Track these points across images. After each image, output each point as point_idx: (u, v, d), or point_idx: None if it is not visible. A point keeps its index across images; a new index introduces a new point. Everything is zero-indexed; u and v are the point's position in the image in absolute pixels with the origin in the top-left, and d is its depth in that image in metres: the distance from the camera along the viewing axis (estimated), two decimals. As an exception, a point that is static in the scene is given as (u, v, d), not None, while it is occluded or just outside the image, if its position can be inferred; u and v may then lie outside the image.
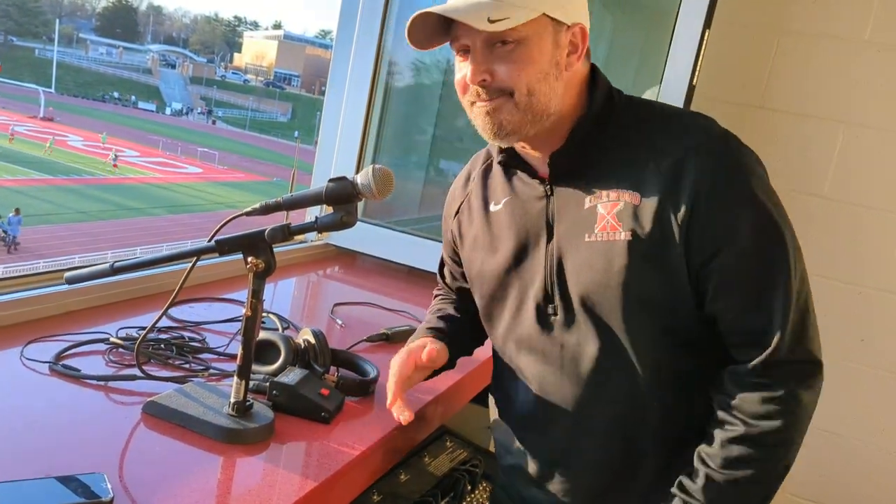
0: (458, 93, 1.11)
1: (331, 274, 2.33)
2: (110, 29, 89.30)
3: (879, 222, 2.04)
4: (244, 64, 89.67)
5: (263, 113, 66.88)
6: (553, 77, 1.06)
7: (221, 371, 1.36)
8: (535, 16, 1.02)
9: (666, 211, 1.02)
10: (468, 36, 1.05)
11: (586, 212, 1.08)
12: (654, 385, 1.09)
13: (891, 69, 2.06)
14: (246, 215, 1.14)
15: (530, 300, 1.15)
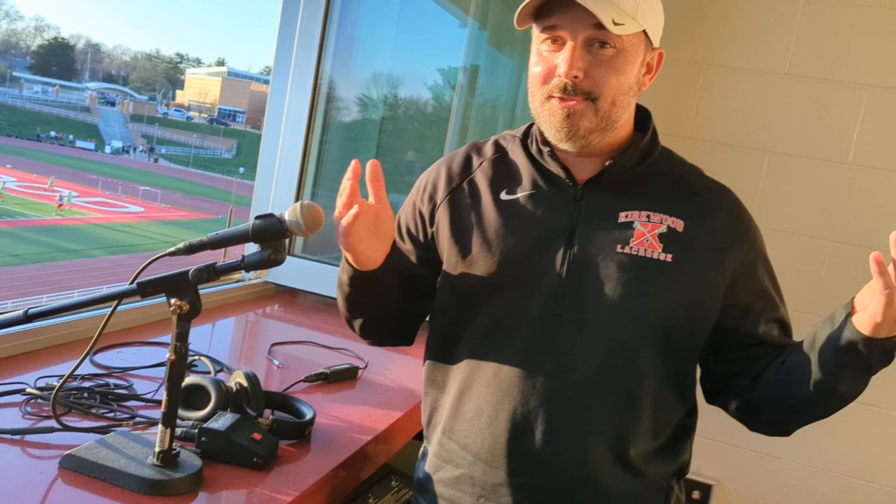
0: (534, 83, 1.11)
1: (270, 313, 2.28)
2: (46, 67, 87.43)
3: (806, 247, 2.11)
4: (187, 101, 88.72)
5: (207, 150, 66.09)
6: (633, 92, 1.12)
7: (148, 419, 1.30)
8: (639, 30, 1.07)
9: (712, 248, 1.12)
10: (570, 27, 1.06)
11: (620, 225, 1.12)
12: (639, 404, 1.12)
13: (808, 100, 2.15)
14: (170, 255, 1.10)
15: (537, 296, 1.12)
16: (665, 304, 1.11)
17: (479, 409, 1.15)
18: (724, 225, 1.14)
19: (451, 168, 1.24)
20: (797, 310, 2.10)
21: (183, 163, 58.81)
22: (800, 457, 2.21)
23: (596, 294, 1.11)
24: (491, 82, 3.15)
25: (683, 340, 1.15)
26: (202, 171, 56.48)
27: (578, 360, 1.11)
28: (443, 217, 1.21)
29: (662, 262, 1.10)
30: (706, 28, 2.23)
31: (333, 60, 2.38)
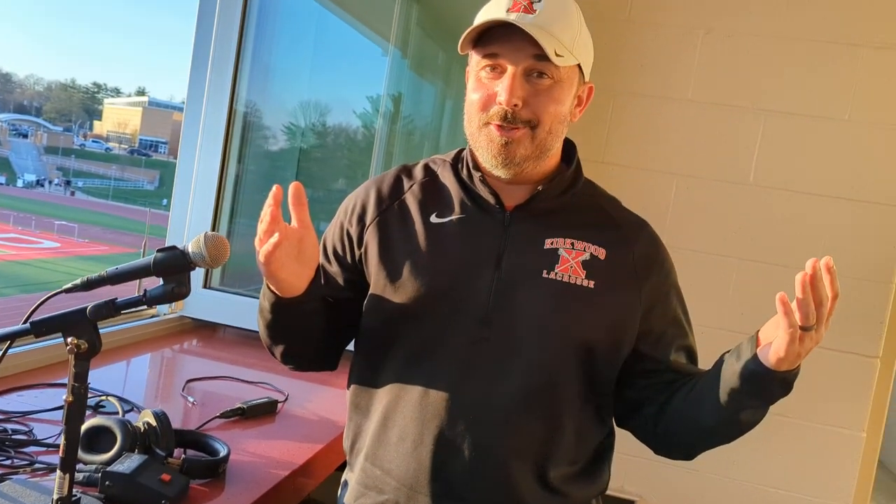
0: (473, 109, 1.13)
1: (188, 348, 2.21)
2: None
3: (714, 265, 2.20)
4: (106, 132, 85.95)
5: (128, 182, 64.07)
6: (566, 122, 1.16)
7: (49, 465, 1.23)
8: (576, 63, 1.12)
9: (632, 277, 1.16)
10: (512, 56, 1.08)
11: (546, 251, 1.15)
12: (562, 427, 1.15)
13: (711, 124, 2.25)
14: (66, 292, 1.06)
15: (464, 320, 1.13)
16: (587, 329, 1.14)
17: (403, 434, 1.14)
18: (641, 255, 1.19)
19: (380, 189, 1.23)
20: (708, 325, 2.19)
21: (102, 196, 56.79)
22: (717, 469, 2.27)
23: (522, 318, 1.12)
24: (415, 109, 3.18)
25: (604, 364, 1.17)
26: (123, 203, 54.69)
27: (504, 384, 1.12)
28: (371, 239, 1.20)
29: (585, 288, 1.13)
30: (616, 57, 2.31)
31: (249, 87, 2.35)
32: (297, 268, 1.09)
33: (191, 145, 2.29)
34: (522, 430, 1.13)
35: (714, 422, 1.11)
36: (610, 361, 1.18)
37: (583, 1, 2.22)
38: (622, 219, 1.22)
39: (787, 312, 0.98)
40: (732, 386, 1.07)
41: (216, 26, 2.22)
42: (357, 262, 1.23)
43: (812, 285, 0.96)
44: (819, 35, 2.19)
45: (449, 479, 1.12)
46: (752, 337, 1.08)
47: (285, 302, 1.12)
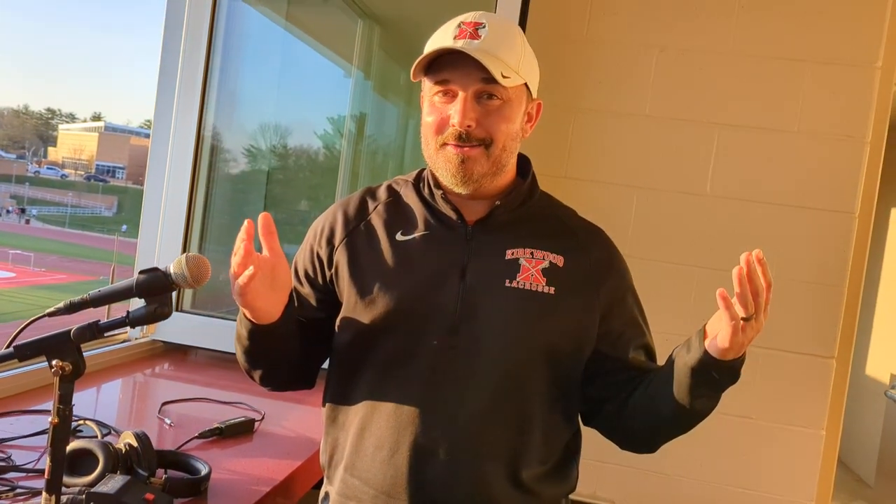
0: (429, 132, 1.19)
1: (160, 372, 2.21)
2: None
3: (676, 274, 2.28)
4: (61, 158, 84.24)
5: (85, 209, 62.85)
6: (518, 138, 1.22)
7: (30, 489, 1.24)
8: (521, 83, 1.18)
9: (589, 281, 1.23)
10: (461, 81, 1.15)
11: (507, 262, 1.21)
12: (531, 428, 1.20)
13: (668, 138, 2.34)
14: (49, 316, 1.07)
15: (433, 331, 1.18)
16: (550, 333, 1.20)
17: (379, 443, 1.18)
18: (597, 260, 1.25)
19: (346, 211, 1.29)
20: (671, 332, 2.26)
21: (59, 223, 55.59)
22: (686, 471, 2.34)
23: (488, 326, 1.18)
24: (379, 129, 3.23)
25: (567, 366, 1.23)
26: (80, 230, 53.60)
27: (474, 389, 1.18)
28: (341, 259, 1.25)
29: (546, 295, 1.19)
30: (575, 75, 2.39)
31: (217, 112, 2.37)
32: (271, 295, 1.14)
33: (159, 172, 2.30)
34: (493, 432, 1.18)
35: (671, 412, 1.17)
36: (573, 363, 1.24)
37: (543, 21, 2.32)
38: (578, 227, 1.29)
39: (727, 307, 1.05)
40: (685, 377, 1.14)
41: (182, 52, 2.25)
42: (328, 283, 1.27)
43: (748, 278, 1.04)
44: (767, 52, 2.30)
45: (425, 483, 1.17)
46: (700, 331, 1.15)
47: (262, 328, 1.16)
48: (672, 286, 2.29)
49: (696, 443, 2.30)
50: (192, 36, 2.24)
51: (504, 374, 1.19)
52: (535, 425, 1.21)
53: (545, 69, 1.28)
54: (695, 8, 2.33)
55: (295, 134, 3.12)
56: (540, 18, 2.23)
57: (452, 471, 1.16)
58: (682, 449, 2.29)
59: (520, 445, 1.20)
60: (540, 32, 2.26)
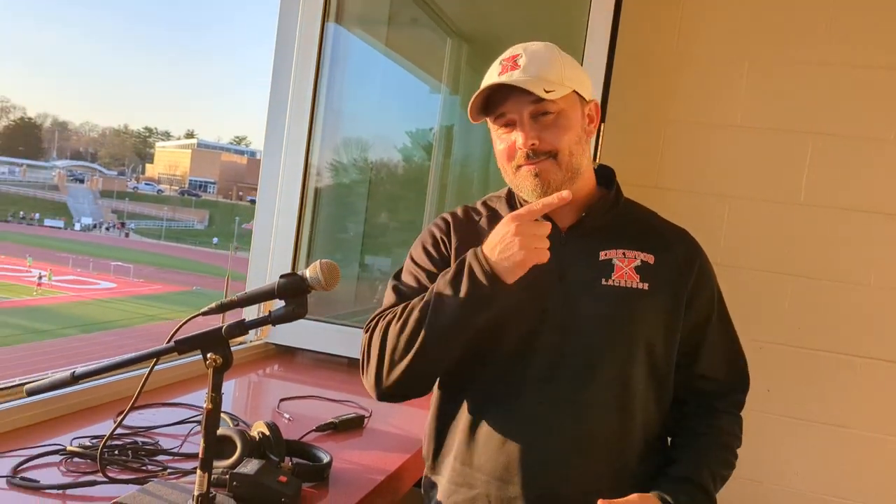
0: (503, 160, 1.31)
1: (271, 372, 2.38)
2: (12, 147, 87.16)
3: (770, 282, 2.29)
4: (157, 174, 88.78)
5: (179, 222, 65.95)
6: (584, 141, 1.32)
7: (179, 470, 1.40)
8: (569, 91, 1.28)
9: (678, 276, 1.32)
10: (514, 110, 1.27)
11: (602, 262, 1.31)
12: (633, 416, 1.30)
13: (760, 148, 2.36)
14: (202, 315, 1.22)
15: (539, 329, 1.28)
16: (648, 325, 1.30)
17: (491, 432, 1.29)
18: (683, 256, 1.35)
19: (455, 223, 1.41)
20: (764, 340, 2.29)
21: (155, 236, 58.55)
22: (780, 480, 2.33)
23: (590, 323, 1.28)
24: (465, 143, 3.34)
25: (662, 358, 1.33)
26: (175, 243, 56.25)
27: (580, 382, 1.28)
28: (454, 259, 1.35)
29: (641, 290, 1.30)
30: (667, 88, 2.44)
31: (323, 131, 2.54)
32: None
33: (270, 188, 2.47)
34: (599, 421, 1.28)
35: None
36: (666, 355, 1.33)
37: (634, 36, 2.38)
38: (664, 228, 1.40)
39: None
40: None
41: (293, 77, 2.42)
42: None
43: None
44: (859, 61, 2.29)
45: (536, 469, 1.27)
46: None
47: (507, 296, 1.21)
48: (765, 294, 2.31)
49: (793, 451, 2.32)
50: (302, 61, 2.41)
51: (608, 367, 1.28)
52: (637, 414, 1.30)
53: (638, 84, 1.36)
54: (784, 20, 2.35)
55: (388, 149, 3.28)
56: (631, 34, 2.30)
57: (561, 458, 1.26)
58: (778, 457, 2.31)
59: (623, 433, 1.29)
60: (631, 47, 2.33)
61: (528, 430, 1.27)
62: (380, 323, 1.30)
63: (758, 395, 2.29)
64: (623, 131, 2.36)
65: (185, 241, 56.99)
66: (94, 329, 27.69)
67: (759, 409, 2.29)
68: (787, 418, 2.31)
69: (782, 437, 2.32)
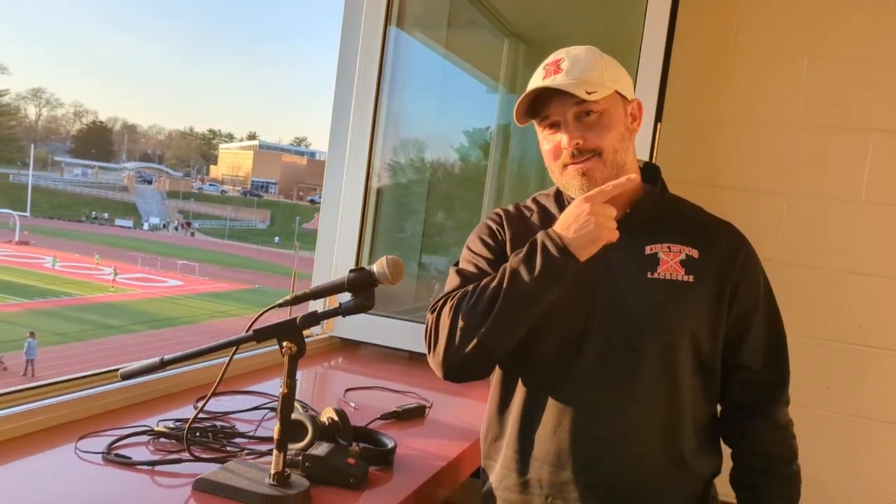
0: (549, 160, 1.38)
1: (336, 365, 2.49)
2: (85, 150, 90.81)
3: (829, 280, 2.28)
4: (220, 175, 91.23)
5: (242, 222, 67.63)
6: (627, 139, 1.37)
7: (255, 451, 1.50)
8: (610, 92, 1.34)
9: (723, 269, 1.35)
10: (558, 112, 1.33)
11: (647, 256, 1.35)
12: (682, 405, 1.34)
13: (819, 146, 2.35)
14: (279, 307, 1.33)
15: (589, 321, 1.33)
16: (692, 317, 1.34)
17: (544, 420, 1.36)
18: (727, 248, 1.38)
19: (508, 217, 1.48)
20: (823, 338, 2.28)
21: (219, 235, 60.21)
22: (845, 479, 2.32)
23: (636, 314, 1.33)
24: (522, 143, 3.39)
25: (707, 349, 1.36)
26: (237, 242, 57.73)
27: (627, 371, 1.33)
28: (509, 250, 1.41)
29: (687, 283, 1.34)
30: (721, 85, 2.45)
31: (385, 133, 2.63)
32: None
33: (335, 191, 2.57)
34: (647, 408, 1.33)
35: None
36: (712, 347, 1.36)
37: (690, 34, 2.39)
38: (708, 221, 1.43)
39: None
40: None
41: (356, 81, 2.52)
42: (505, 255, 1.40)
43: None
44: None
45: (587, 455, 1.32)
46: None
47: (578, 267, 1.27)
48: (825, 292, 2.30)
49: (856, 450, 2.29)
50: (365, 66, 2.51)
51: (655, 358, 1.32)
52: (686, 406, 1.34)
53: (693, 81, 1.39)
54: (844, 16, 2.33)
55: (447, 150, 3.36)
56: (688, 31, 2.31)
57: (611, 447, 1.32)
58: (841, 455, 2.30)
59: (672, 424, 1.34)
60: (688, 44, 2.34)
61: (579, 418, 1.33)
62: (447, 303, 1.35)
63: (817, 393, 2.30)
64: (679, 130, 2.38)
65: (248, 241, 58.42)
66: (162, 325, 28.67)
67: (818, 406, 2.28)
68: (848, 416, 2.29)
69: (843, 435, 2.30)
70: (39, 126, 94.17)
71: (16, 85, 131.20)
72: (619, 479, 1.32)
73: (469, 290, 1.33)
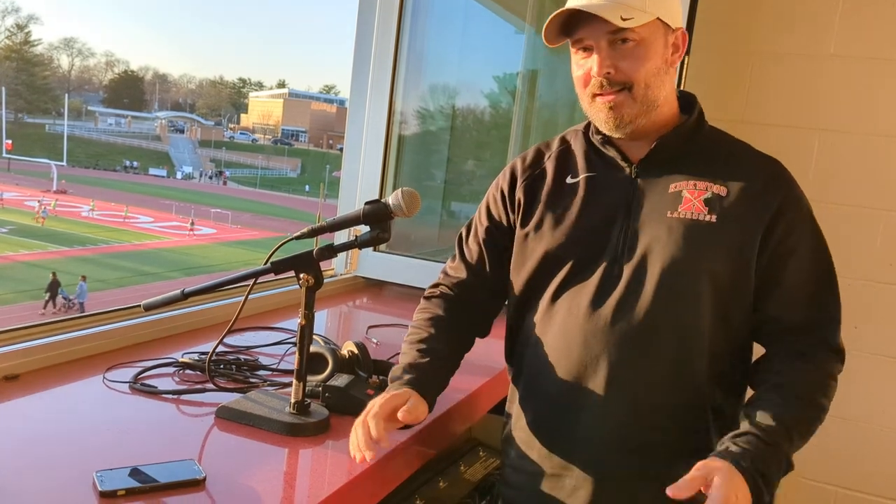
0: (579, 87, 1.29)
1: (360, 304, 2.52)
2: (118, 100, 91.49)
3: (861, 217, 2.22)
4: (251, 124, 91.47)
5: (273, 170, 67.99)
6: (663, 72, 1.27)
7: (277, 383, 1.53)
8: (651, 19, 1.23)
9: (753, 209, 1.25)
10: (592, 35, 1.24)
11: (671, 195, 1.28)
12: (701, 362, 1.27)
13: (856, 79, 2.26)
14: (296, 239, 1.34)
15: (598, 261, 1.29)
16: (712, 258, 1.25)
17: (553, 355, 1.33)
18: (763, 188, 1.27)
19: (523, 162, 1.44)
20: (856, 277, 2.23)
21: (251, 184, 60.67)
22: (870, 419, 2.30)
23: (650, 255, 1.26)
24: (550, 85, 3.32)
25: (729, 290, 1.26)
26: (269, 190, 58.17)
27: (641, 310, 1.26)
28: (521, 197, 1.40)
29: (708, 223, 1.25)
30: (752, 16, 2.36)
31: (406, 75, 2.59)
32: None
33: (357, 135, 2.55)
34: (655, 341, 1.25)
35: None
36: (736, 288, 1.26)
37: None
38: (748, 159, 1.32)
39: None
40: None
41: (377, 19, 2.48)
42: (511, 224, 1.42)
43: None
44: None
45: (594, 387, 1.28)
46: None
47: None
48: (856, 230, 2.24)
49: (883, 390, 2.27)
50: (385, 7, 2.46)
51: (668, 301, 1.25)
52: (702, 340, 1.26)
53: (722, 12, 1.32)
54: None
55: (471, 94, 3.30)
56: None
57: (616, 374, 1.27)
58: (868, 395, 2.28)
59: (684, 353, 1.26)
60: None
61: (581, 352, 1.29)
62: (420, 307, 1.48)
63: (844, 332, 2.25)
64: (708, 63, 2.31)
65: (279, 189, 58.81)
66: (197, 272, 29.21)
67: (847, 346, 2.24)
68: (877, 356, 2.26)
69: (870, 374, 2.27)
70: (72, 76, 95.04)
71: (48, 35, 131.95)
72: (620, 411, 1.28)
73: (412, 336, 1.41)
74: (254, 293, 2.01)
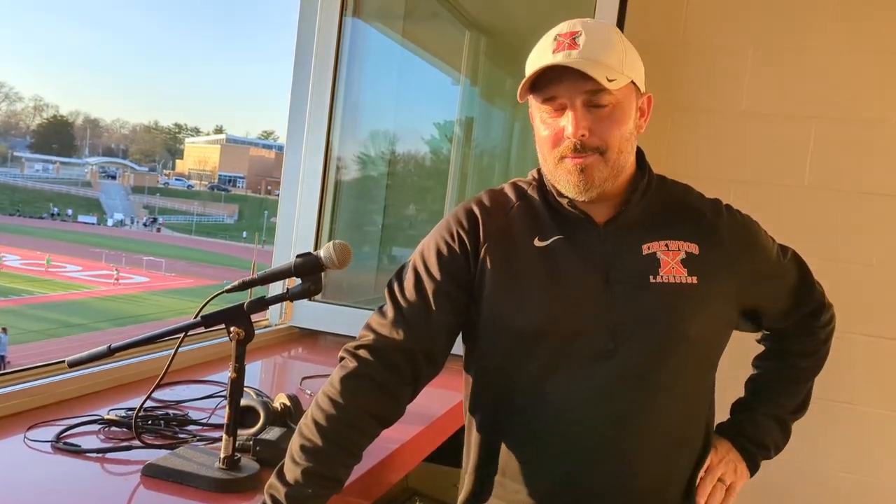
0: (545, 146, 1.21)
1: (295, 354, 2.50)
2: (46, 145, 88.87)
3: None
4: (187, 170, 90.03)
5: (209, 217, 66.84)
6: (634, 137, 1.24)
7: (207, 438, 1.51)
8: (627, 81, 1.19)
9: (726, 263, 1.26)
10: (567, 94, 1.17)
11: (646, 258, 1.23)
12: (688, 418, 1.29)
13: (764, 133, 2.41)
14: (227, 292, 1.33)
15: (587, 335, 1.21)
16: (699, 321, 1.23)
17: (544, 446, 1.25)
18: (728, 237, 1.28)
19: (486, 213, 1.29)
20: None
21: (186, 231, 59.43)
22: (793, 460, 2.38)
23: (643, 325, 1.21)
24: (485, 134, 3.42)
25: (715, 351, 1.30)
26: (205, 237, 57.04)
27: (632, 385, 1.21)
28: (486, 260, 1.26)
29: (690, 285, 1.22)
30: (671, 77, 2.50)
31: (342, 124, 2.63)
32: None
33: (292, 183, 2.55)
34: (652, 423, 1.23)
35: None
36: (719, 348, 1.30)
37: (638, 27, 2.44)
38: (702, 206, 1.30)
39: None
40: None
41: (313, 70, 2.52)
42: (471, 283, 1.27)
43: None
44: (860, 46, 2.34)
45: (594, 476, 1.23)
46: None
47: None
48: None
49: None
50: (322, 55, 2.50)
51: (663, 369, 1.22)
52: (702, 404, 1.32)
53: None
54: (788, 8, 2.40)
55: (408, 140, 3.36)
56: (638, 24, 2.35)
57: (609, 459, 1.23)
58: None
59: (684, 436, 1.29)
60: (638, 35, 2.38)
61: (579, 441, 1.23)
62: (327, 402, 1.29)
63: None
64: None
65: (216, 236, 57.76)
66: (128, 322, 28.23)
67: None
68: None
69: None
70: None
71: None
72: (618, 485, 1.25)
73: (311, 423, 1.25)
74: (184, 346, 1.97)
